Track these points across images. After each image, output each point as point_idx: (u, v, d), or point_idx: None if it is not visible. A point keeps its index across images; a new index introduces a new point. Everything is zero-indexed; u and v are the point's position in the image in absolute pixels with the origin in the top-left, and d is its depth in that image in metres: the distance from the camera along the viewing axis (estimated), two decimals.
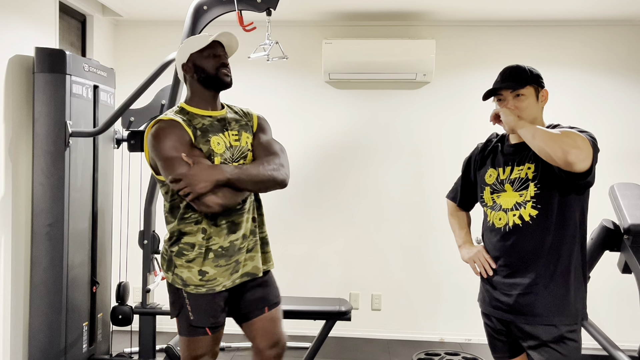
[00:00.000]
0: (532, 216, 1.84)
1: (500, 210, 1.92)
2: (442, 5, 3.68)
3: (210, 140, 1.97)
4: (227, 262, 1.99)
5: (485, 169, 2.03)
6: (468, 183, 2.17)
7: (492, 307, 1.96)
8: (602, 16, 3.85)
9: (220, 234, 1.97)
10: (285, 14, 3.71)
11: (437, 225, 4.12)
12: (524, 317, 1.85)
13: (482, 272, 1.99)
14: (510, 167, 1.93)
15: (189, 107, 2.05)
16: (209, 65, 2.02)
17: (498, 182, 1.95)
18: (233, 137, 2.04)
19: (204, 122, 2.01)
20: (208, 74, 2.03)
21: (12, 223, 2.90)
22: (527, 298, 1.84)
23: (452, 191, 2.29)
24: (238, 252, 2.01)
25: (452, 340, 4.10)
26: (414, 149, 4.10)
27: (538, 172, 1.85)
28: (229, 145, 2.01)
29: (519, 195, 1.88)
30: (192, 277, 1.97)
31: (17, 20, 2.94)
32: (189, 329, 2.00)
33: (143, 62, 4.02)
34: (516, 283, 1.87)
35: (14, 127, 2.90)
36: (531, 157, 1.88)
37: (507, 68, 2.01)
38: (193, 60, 2.03)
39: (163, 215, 2.09)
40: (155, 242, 3.05)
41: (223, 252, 1.98)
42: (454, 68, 4.07)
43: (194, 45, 2.04)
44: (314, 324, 3.03)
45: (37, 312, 2.87)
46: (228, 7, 2.82)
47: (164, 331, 3.78)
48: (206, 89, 2.05)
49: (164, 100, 3.10)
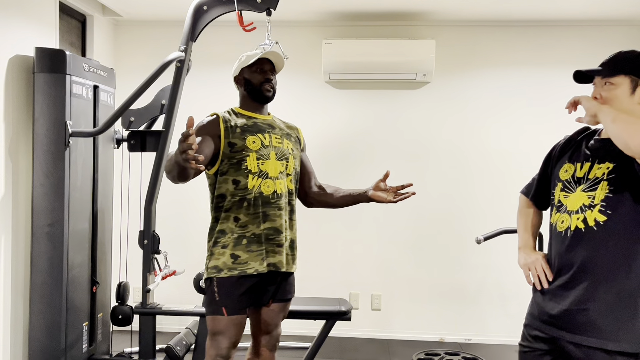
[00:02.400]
0: (599, 222, 1.63)
1: (565, 212, 1.71)
2: (442, 5, 3.68)
3: (246, 138, 2.23)
4: (259, 248, 2.19)
5: (562, 163, 1.81)
6: (545, 177, 1.91)
7: (541, 322, 1.76)
8: (602, 16, 3.85)
9: (254, 221, 2.19)
10: (285, 14, 3.71)
11: (438, 225, 4.12)
12: (577, 335, 1.64)
13: (537, 283, 1.79)
14: (590, 163, 1.71)
15: (239, 109, 2.37)
16: (255, 80, 2.32)
17: (573, 180, 1.73)
18: (276, 139, 2.30)
19: (246, 123, 2.28)
20: (253, 87, 2.32)
21: (12, 223, 2.90)
22: (583, 315, 1.63)
23: (527, 185, 2.03)
24: (268, 242, 2.21)
25: (452, 340, 4.10)
26: (414, 149, 4.10)
27: (616, 172, 1.63)
28: (267, 144, 2.26)
29: (587, 197, 1.66)
30: (226, 262, 2.18)
31: (17, 20, 2.94)
32: (211, 307, 2.22)
33: (143, 62, 4.03)
34: (570, 296, 1.67)
35: (14, 127, 2.90)
36: (614, 155, 1.64)
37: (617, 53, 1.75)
38: (243, 73, 2.34)
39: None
40: (155, 242, 3.04)
41: (255, 238, 2.19)
42: (454, 68, 4.07)
43: (245, 60, 2.34)
44: (314, 324, 3.03)
45: (37, 312, 2.87)
46: (228, 7, 2.82)
47: (164, 331, 3.78)
48: (252, 100, 2.34)
49: (164, 100, 3.09)
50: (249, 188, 2.19)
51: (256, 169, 2.21)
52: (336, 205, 2.45)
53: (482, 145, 4.06)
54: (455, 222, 4.08)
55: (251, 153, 2.21)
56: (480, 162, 4.07)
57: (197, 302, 3.14)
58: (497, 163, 4.03)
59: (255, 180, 2.20)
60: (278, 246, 2.23)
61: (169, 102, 2.99)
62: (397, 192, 2.30)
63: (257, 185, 2.20)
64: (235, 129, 2.23)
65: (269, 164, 2.23)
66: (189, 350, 3.09)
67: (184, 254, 3.91)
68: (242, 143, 2.21)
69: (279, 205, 2.24)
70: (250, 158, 2.20)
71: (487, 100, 4.06)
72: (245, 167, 2.20)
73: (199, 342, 2.99)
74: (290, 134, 2.40)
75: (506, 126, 4.03)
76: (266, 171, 2.22)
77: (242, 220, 2.19)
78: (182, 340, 3.05)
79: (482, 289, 4.07)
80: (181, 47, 2.91)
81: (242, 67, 2.33)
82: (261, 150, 2.23)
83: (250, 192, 2.19)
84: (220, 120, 2.24)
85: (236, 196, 2.20)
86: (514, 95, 4.03)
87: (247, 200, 2.19)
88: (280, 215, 2.24)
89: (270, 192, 2.21)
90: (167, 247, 3.16)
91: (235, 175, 2.20)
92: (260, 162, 2.21)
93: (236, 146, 2.21)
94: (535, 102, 4.03)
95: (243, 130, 2.24)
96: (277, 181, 2.24)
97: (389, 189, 2.31)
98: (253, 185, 2.19)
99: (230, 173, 2.21)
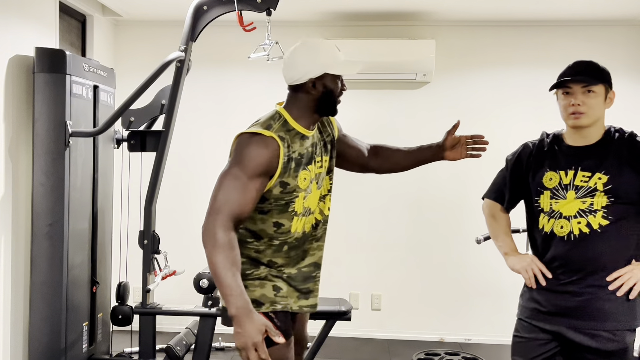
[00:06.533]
0: (602, 225, 1.81)
1: (562, 218, 1.86)
2: (442, 5, 3.68)
3: (299, 175, 1.85)
4: (293, 293, 1.96)
5: (543, 171, 1.93)
6: (517, 184, 2.04)
7: (549, 315, 1.89)
8: (602, 16, 3.85)
9: (290, 263, 1.95)
10: (285, 14, 3.71)
11: (437, 225, 4.12)
12: (590, 322, 1.82)
13: (533, 283, 1.92)
14: (574, 171, 1.86)
15: (293, 121, 1.86)
16: (336, 91, 1.89)
17: (561, 187, 1.87)
18: (317, 165, 1.93)
19: (301, 151, 1.85)
20: (330, 98, 1.88)
21: (12, 223, 2.90)
22: (596, 304, 1.82)
23: (494, 191, 2.15)
24: (304, 282, 1.99)
25: (452, 340, 4.10)
26: None
27: (612, 184, 1.80)
28: (313, 177, 1.91)
29: (582, 202, 1.83)
30: (267, 294, 1.91)
31: (17, 20, 2.94)
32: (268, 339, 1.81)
33: (143, 62, 4.02)
34: (583, 290, 1.83)
35: (14, 127, 2.90)
36: (604, 167, 1.82)
37: (581, 62, 1.89)
38: (324, 79, 1.86)
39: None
40: (155, 242, 3.04)
41: (290, 279, 1.95)
42: (454, 68, 4.07)
43: (334, 66, 1.86)
44: (314, 324, 3.02)
45: (37, 312, 2.87)
46: (228, 7, 2.82)
47: (164, 331, 3.77)
48: (315, 110, 1.89)
49: (164, 100, 3.09)
50: (291, 231, 1.90)
51: (302, 210, 1.90)
52: (406, 163, 2.18)
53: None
54: (455, 222, 4.08)
55: (301, 193, 1.87)
56: (480, 162, 4.06)
57: (197, 302, 3.14)
58: (497, 163, 4.02)
59: (299, 222, 1.90)
60: (315, 284, 2.03)
61: (169, 102, 2.99)
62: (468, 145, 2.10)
63: (300, 227, 1.91)
64: (291, 162, 1.82)
65: (310, 198, 1.92)
66: (189, 350, 3.09)
67: (184, 254, 3.90)
68: (295, 182, 1.84)
69: (316, 237, 2.00)
70: (299, 199, 1.87)
71: (487, 100, 4.06)
72: (292, 210, 1.87)
73: (199, 342, 2.99)
74: (326, 141, 2.00)
75: (506, 126, 4.02)
76: (309, 207, 1.93)
77: (277, 265, 1.92)
78: (182, 340, 3.05)
79: (482, 289, 4.07)
80: (181, 47, 2.91)
81: (326, 72, 1.85)
82: (309, 187, 1.90)
83: (292, 235, 1.90)
84: (281, 153, 1.79)
85: (275, 240, 1.90)
86: (514, 95, 4.03)
87: (287, 244, 1.92)
88: (318, 246, 2.01)
89: (309, 228, 1.96)
90: (167, 247, 3.16)
91: (278, 217, 1.88)
92: (305, 200, 1.90)
93: (289, 187, 1.84)
94: (536, 102, 4.03)
95: (297, 165, 1.84)
96: (315, 211, 1.97)
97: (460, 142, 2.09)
98: (296, 228, 1.90)
99: (273, 214, 1.88)
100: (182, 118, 3.41)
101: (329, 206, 2.02)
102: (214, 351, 3.62)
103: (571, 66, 1.91)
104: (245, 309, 1.66)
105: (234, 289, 1.67)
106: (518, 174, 2.04)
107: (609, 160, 1.84)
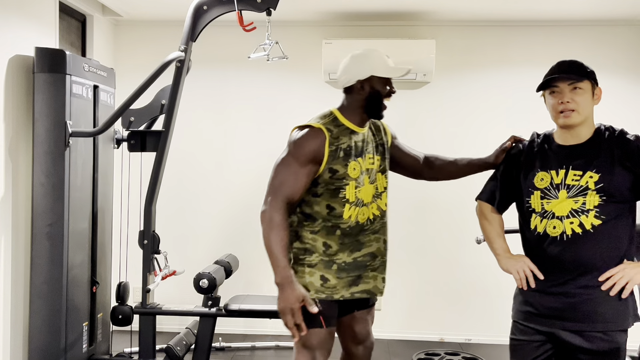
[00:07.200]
0: (595, 225, 1.81)
1: (554, 218, 1.85)
2: (442, 5, 3.68)
3: (349, 164, 2.04)
4: (348, 276, 2.09)
5: (534, 172, 1.93)
6: (509, 185, 2.05)
7: (542, 317, 1.89)
8: (602, 16, 3.85)
9: (345, 250, 2.08)
10: (285, 14, 3.71)
11: (437, 225, 4.12)
12: (581, 324, 1.82)
13: (524, 285, 1.92)
14: (565, 170, 1.86)
15: (343, 117, 2.09)
16: (383, 94, 2.10)
17: (552, 187, 1.87)
18: (369, 160, 2.13)
19: (350, 143, 2.06)
20: (377, 101, 2.09)
21: (12, 223, 2.90)
22: (587, 305, 1.81)
23: (486, 192, 2.15)
24: (360, 269, 2.12)
25: (452, 340, 4.10)
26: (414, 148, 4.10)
27: (604, 182, 1.80)
28: (364, 170, 2.09)
29: (574, 202, 1.82)
30: (314, 283, 2.06)
31: (17, 20, 2.94)
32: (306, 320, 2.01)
33: (143, 62, 4.02)
34: (575, 290, 1.83)
35: (14, 127, 2.90)
36: (594, 166, 1.82)
37: (565, 61, 1.91)
38: (372, 81, 2.07)
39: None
40: (155, 242, 3.05)
41: (345, 266, 2.09)
42: (454, 68, 4.07)
43: (381, 69, 2.08)
44: None
45: (37, 312, 2.87)
46: (228, 7, 2.82)
47: (164, 331, 3.77)
48: (364, 109, 2.10)
49: (164, 100, 3.09)
50: (344, 218, 2.05)
51: (354, 198, 2.06)
52: (457, 177, 2.42)
53: (483, 145, 4.04)
54: (455, 222, 4.08)
55: (351, 182, 2.04)
56: None
57: (197, 302, 3.14)
58: None
59: (351, 210, 2.06)
60: (372, 271, 2.15)
61: (169, 102, 2.99)
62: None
63: (353, 215, 2.06)
64: (339, 151, 2.03)
65: (363, 190, 2.08)
66: (189, 350, 3.09)
67: (184, 254, 3.91)
68: (344, 170, 2.03)
69: (373, 230, 2.14)
70: (350, 187, 2.04)
71: (488, 100, 4.06)
72: (343, 196, 2.04)
73: (199, 342, 2.99)
74: (377, 143, 2.20)
75: (506, 126, 4.01)
76: (362, 199, 2.08)
77: (332, 249, 2.06)
78: (182, 340, 3.05)
79: (482, 289, 4.07)
80: (181, 47, 2.91)
81: (373, 74, 2.07)
82: (359, 177, 2.07)
83: (345, 222, 2.06)
84: (327, 142, 2.01)
85: (329, 222, 2.06)
86: (514, 95, 4.03)
87: (340, 230, 2.06)
88: (377, 239, 2.15)
89: (364, 220, 2.10)
90: (167, 247, 3.16)
91: (330, 201, 2.05)
92: (357, 190, 2.06)
93: (338, 173, 2.03)
94: (536, 102, 4.02)
95: (346, 155, 2.04)
96: (371, 205, 2.12)
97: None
98: (349, 215, 2.06)
99: (325, 197, 2.06)
100: (182, 118, 3.41)
101: (386, 202, 2.20)
102: (214, 351, 3.62)
103: (555, 66, 1.92)
104: (288, 279, 1.93)
105: (281, 261, 1.94)
106: (509, 175, 2.05)
107: (600, 158, 1.83)
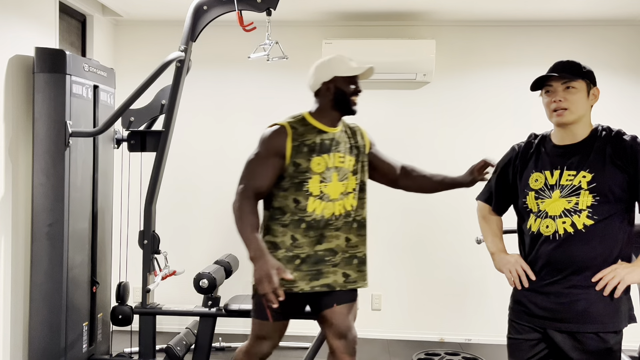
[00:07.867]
0: (587, 225, 1.80)
1: (547, 218, 1.86)
2: (442, 5, 3.68)
3: (312, 159, 2.17)
4: (309, 269, 2.19)
5: (529, 172, 1.94)
6: (504, 186, 2.07)
7: (534, 317, 1.90)
8: (602, 16, 3.85)
9: (310, 243, 2.19)
10: (285, 14, 3.71)
11: (437, 225, 4.12)
12: (574, 324, 1.82)
13: (517, 284, 1.94)
14: (560, 170, 1.86)
15: (312, 118, 2.25)
16: (348, 92, 2.21)
17: (547, 188, 1.87)
18: (339, 159, 2.23)
19: (315, 140, 2.20)
20: (344, 99, 2.22)
21: (12, 223, 2.90)
22: (579, 306, 1.81)
23: (484, 193, 2.18)
24: (320, 264, 2.21)
25: (452, 340, 4.10)
26: (414, 148, 4.10)
27: (596, 182, 1.80)
28: (331, 166, 2.20)
29: (567, 202, 1.82)
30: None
31: (17, 20, 2.94)
32: (257, 312, 2.25)
33: (143, 62, 4.02)
34: (566, 291, 1.83)
35: (14, 127, 2.90)
36: (588, 165, 1.82)
37: (560, 61, 1.92)
38: (335, 82, 2.20)
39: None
40: (155, 242, 3.04)
41: (308, 259, 2.19)
42: (454, 68, 4.07)
43: (341, 69, 2.20)
44: (314, 323, 3.03)
45: (37, 312, 2.87)
46: (228, 7, 2.83)
47: (164, 331, 3.78)
48: (333, 110, 2.24)
49: (164, 100, 3.10)
50: (308, 210, 2.17)
51: (318, 192, 2.17)
52: (429, 192, 2.59)
53: (483, 145, 4.05)
54: (455, 222, 4.08)
55: (314, 176, 2.17)
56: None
57: (197, 302, 3.14)
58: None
59: (316, 204, 2.17)
60: (333, 266, 2.22)
61: (169, 102, 2.99)
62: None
63: (318, 209, 2.17)
64: (302, 147, 2.17)
65: (330, 186, 2.19)
66: (189, 350, 3.09)
67: (184, 254, 3.91)
68: (307, 165, 2.17)
69: (336, 226, 2.21)
70: (313, 180, 2.17)
71: (488, 100, 4.06)
72: (307, 189, 2.17)
73: (199, 342, 2.99)
74: (352, 145, 2.30)
75: (506, 126, 4.02)
76: (327, 194, 2.19)
77: (299, 241, 2.18)
78: (182, 340, 3.05)
79: (482, 289, 4.07)
80: (181, 47, 2.91)
81: (335, 75, 2.20)
82: (324, 173, 2.18)
83: (310, 214, 2.17)
84: (289, 138, 2.18)
85: (295, 215, 2.18)
86: (514, 95, 4.03)
87: (305, 222, 2.17)
88: (337, 236, 2.22)
89: (329, 215, 2.19)
90: (167, 247, 3.16)
91: (295, 195, 2.18)
92: (322, 185, 2.18)
93: (301, 167, 2.17)
94: (536, 102, 4.02)
95: (310, 150, 2.18)
96: (337, 202, 2.20)
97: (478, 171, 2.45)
98: (314, 208, 2.17)
99: (291, 191, 2.18)
100: (182, 118, 3.42)
101: (352, 203, 2.26)
102: (214, 351, 3.62)
103: (552, 65, 1.94)
104: (260, 252, 2.07)
105: (252, 240, 2.08)
106: (505, 176, 2.06)
107: (592, 157, 1.83)
